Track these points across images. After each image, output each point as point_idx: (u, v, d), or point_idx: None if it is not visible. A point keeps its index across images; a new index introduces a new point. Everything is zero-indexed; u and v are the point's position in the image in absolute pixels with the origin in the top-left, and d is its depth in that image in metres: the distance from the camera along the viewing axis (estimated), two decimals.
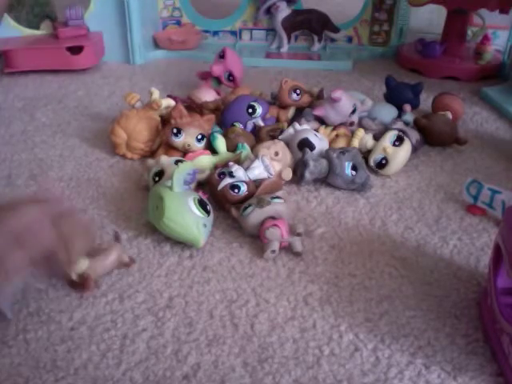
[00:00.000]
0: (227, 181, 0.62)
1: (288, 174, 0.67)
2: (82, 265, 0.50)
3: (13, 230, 0.41)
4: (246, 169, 0.65)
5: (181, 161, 0.66)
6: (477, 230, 0.62)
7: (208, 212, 0.58)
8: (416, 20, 1.33)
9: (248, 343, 0.46)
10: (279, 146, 0.70)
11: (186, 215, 0.56)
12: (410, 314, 0.49)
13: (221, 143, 0.70)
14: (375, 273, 0.54)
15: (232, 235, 0.60)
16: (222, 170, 0.63)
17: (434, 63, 1.12)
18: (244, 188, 0.62)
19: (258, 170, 0.65)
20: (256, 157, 0.67)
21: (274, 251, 0.55)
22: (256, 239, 0.59)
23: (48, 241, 0.42)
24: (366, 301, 0.51)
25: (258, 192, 0.63)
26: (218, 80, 0.93)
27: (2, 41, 1.09)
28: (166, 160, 0.65)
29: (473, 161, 0.78)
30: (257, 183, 0.64)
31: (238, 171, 0.63)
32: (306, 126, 0.75)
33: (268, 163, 0.66)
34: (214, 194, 0.63)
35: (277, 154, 0.69)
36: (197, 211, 0.56)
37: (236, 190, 0.61)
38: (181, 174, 0.58)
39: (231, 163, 0.64)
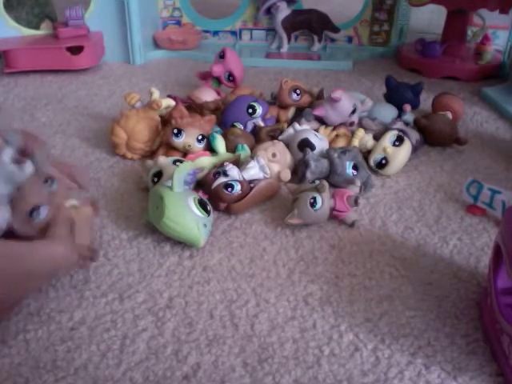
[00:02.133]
0: (221, 180, 0.62)
1: (286, 175, 0.68)
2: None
3: None
4: (242, 169, 0.65)
5: (179, 161, 0.66)
6: (477, 229, 0.62)
7: (208, 212, 0.58)
8: (416, 20, 1.33)
9: (248, 343, 0.46)
10: (277, 147, 0.70)
11: (187, 215, 0.56)
12: (410, 314, 0.49)
13: (220, 144, 0.70)
14: (375, 273, 0.54)
15: (232, 235, 0.60)
16: (217, 170, 0.64)
17: (434, 63, 1.12)
18: (238, 187, 0.62)
19: (253, 171, 0.65)
20: (252, 157, 0.67)
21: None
22: (256, 239, 0.59)
23: None
24: (366, 301, 0.51)
25: (252, 193, 0.63)
26: (218, 80, 0.93)
27: (1, 41, 1.09)
28: (164, 161, 0.65)
29: (473, 161, 0.78)
30: (252, 184, 0.64)
31: (232, 170, 0.63)
32: (305, 126, 0.75)
33: (263, 163, 0.66)
34: (208, 192, 0.63)
35: (274, 155, 0.69)
36: (197, 211, 0.56)
37: (229, 189, 0.61)
38: (181, 174, 0.58)
39: (226, 163, 0.64)
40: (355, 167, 0.67)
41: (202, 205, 0.58)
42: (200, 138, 0.71)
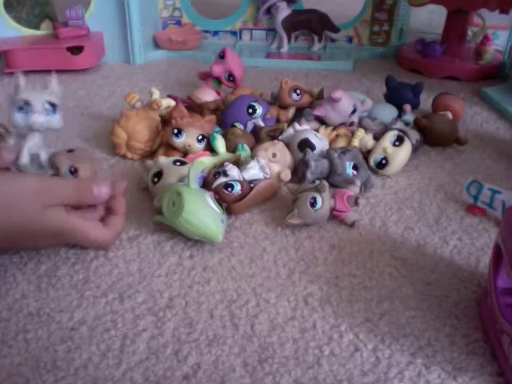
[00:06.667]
0: (221, 180, 0.62)
1: (286, 175, 0.68)
2: None
3: None
4: (242, 169, 0.65)
5: (179, 161, 0.66)
6: (477, 229, 0.62)
7: (223, 209, 0.59)
8: (416, 20, 1.33)
9: (248, 343, 0.46)
10: (278, 147, 0.70)
11: (206, 210, 0.56)
12: (409, 314, 0.49)
13: (220, 144, 0.70)
14: (375, 273, 0.54)
15: (232, 235, 0.60)
16: (217, 170, 0.64)
17: (434, 63, 1.12)
18: (238, 187, 0.62)
19: (253, 171, 0.65)
20: (252, 157, 0.67)
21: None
22: (256, 239, 0.59)
23: None
24: (366, 301, 0.51)
25: (252, 194, 0.63)
26: (218, 80, 0.93)
27: (1, 41, 1.09)
28: (164, 161, 0.65)
29: (473, 161, 0.78)
30: (252, 184, 0.64)
31: (232, 170, 0.63)
32: (306, 127, 0.75)
33: (264, 163, 0.66)
34: None
35: (274, 155, 0.69)
36: (215, 207, 0.57)
37: (229, 189, 0.61)
38: (196, 171, 0.58)
39: (226, 163, 0.64)
40: (355, 167, 0.67)
41: (218, 201, 0.59)
42: (200, 138, 0.71)
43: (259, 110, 0.76)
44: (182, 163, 0.66)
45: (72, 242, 0.56)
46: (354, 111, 0.76)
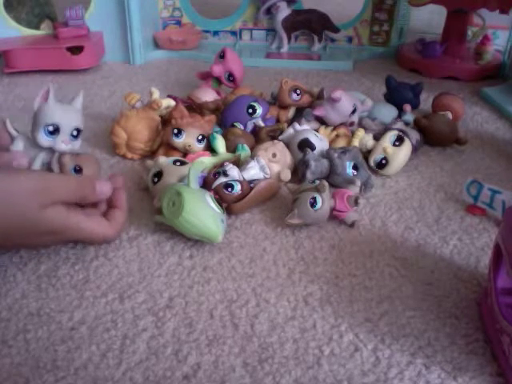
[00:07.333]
0: (221, 180, 0.62)
1: (286, 175, 0.68)
2: None
3: None
4: (242, 169, 0.65)
5: (179, 161, 0.66)
6: (477, 229, 0.62)
7: (223, 209, 0.59)
8: (416, 20, 1.33)
9: (248, 343, 0.46)
10: (278, 147, 0.70)
11: (206, 210, 0.56)
12: (409, 314, 0.49)
13: (220, 144, 0.70)
14: (375, 273, 0.54)
15: (232, 235, 0.60)
16: (217, 170, 0.64)
17: (434, 63, 1.12)
18: (238, 187, 0.62)
19: (253, 171, 0.65)
20: (252, 157, 0.67)
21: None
22: (256, 239, 0.59)
23: None
24: (366, 301, 0.51)
25: (252, 193, 0.63)
26: (218, 80, 0.93)
27: (1, 41, 1.09)
28: (164, 161, 0.65)
29: (473, 161, 0.78)
30: (252, 184, 0.64)
31: (232, 170, 0.63)
32: (306, 126, 0.75)
33: (264, 163, 0.66)
34: None
35: (274, 155, 0.69)
36: (215, 207, 0.57)
37: (229, 189, 0.61)
38: (196, 171, 0.58)
39: (226, 163, 0.64)
40: (355, 167, 0.67)
41: (218, 201, 0.59)
42: (200, 138, 0.71)
43: (259, 110, 0.76)
44: (182, 163, 0.66)
45: (76, 239, 0.56)
46: (354, 111, 0.76)
